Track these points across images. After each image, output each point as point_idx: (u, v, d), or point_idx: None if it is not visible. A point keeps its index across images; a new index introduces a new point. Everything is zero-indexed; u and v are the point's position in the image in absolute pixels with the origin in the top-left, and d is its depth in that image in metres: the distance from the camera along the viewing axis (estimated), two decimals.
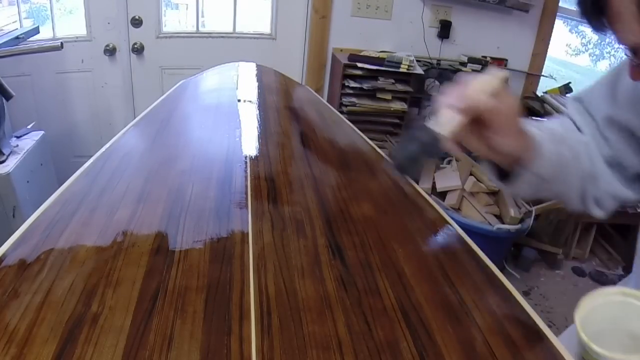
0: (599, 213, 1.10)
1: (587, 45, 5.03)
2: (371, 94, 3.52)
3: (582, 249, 3.82)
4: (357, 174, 1.39)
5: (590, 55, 5.18)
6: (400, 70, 3.47)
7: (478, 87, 0.92)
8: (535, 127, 1.05)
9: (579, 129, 1.12)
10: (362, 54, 3.64)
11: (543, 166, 0.99)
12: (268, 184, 1.23)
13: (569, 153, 1.05)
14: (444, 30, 3.89)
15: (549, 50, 4.09)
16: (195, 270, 0.87)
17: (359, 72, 3.49)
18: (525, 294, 3.35)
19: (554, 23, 3.99)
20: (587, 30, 4.83)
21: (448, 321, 0.83)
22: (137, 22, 3.53)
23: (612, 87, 1.05)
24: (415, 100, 3.85)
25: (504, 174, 1.07)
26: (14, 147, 2.71)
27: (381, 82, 3.50)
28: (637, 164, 1.05)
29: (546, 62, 4.16)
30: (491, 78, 0.94)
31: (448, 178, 3.30)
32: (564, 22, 4.35)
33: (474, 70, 3.77)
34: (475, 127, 0.95)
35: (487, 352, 0.77)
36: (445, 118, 0.93)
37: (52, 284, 0.81)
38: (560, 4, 3.93)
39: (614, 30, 0.81)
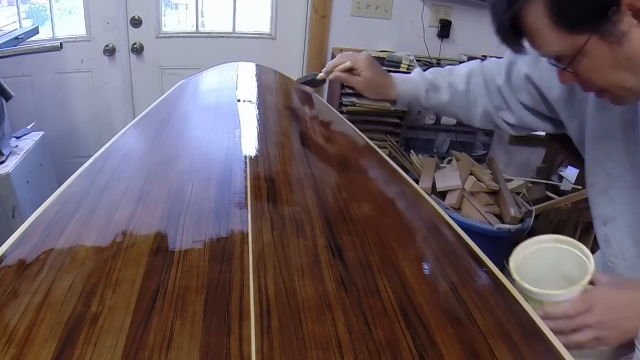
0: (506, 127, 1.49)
1: None
2: None
3: None
4: (357, 174, 1.39)
5: None
6: (400, 69, 3.47)
7: (335, 63, 1.67)
8: (417, 75, 1.55)
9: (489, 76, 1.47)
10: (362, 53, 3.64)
11: (402, 105, 1.61)
12: (268, 184, 1.23)
13: (445, 96, 1.52)
14: (444, 29, 3.89)
15: None
16: (195, 271, 0.87)
17: None
18: None
19: None
20: None
21: (448, 321, 0.83)
22: (136, 22, 3.53)
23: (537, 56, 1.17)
24: None
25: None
26: (14, 147, 2.71)
27: None
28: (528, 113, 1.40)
29: None
30: (346, 60, 1.63)
31: (448, 178, 3.30)
32: None
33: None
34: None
35: (487, 352, 0.77)
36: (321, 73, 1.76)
37: (52, 284, 0.81)
38: None
39: (535, 46, 0.95)
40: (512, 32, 0.95)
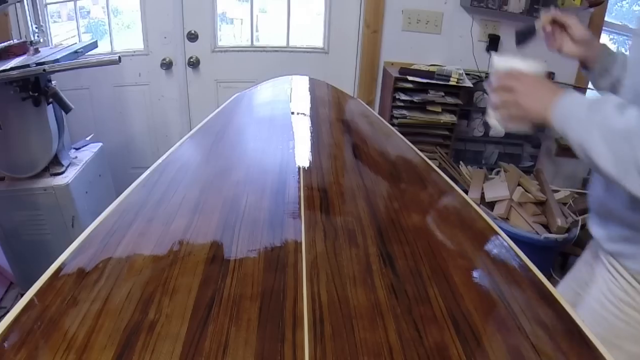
0: None
1: None
2: (421, 107, 3.51)
3: None
4: (408, 184, 1.39)
5: None
6: (450, 83, 3.46)
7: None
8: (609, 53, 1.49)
9: None
10: (412, 67, 3.64)
11: (594, 74, 1.52)
12: (320, 194, 1.24)
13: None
14: (493, 44, 3.86)
15: None
16: (250, 279, 0.89)
17: (409, 85, 3.49)
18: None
19: (599, 37, 3.92)
20: None
21: (497, 328, 0.83)
22: (192, 37, 3.58)
23: None
24: (464, 112, 3.82)
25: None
26: (73, 158, 2.78)
27: (431, 95, 3.49)
28: None
29: None
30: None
31: (496, 189, 3.28)
32: (609, 37, 4.27)
33: None
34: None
35: (535, 359, 0.77)
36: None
37: (110, 292, 0.84)
38: (606, 18, 3.86)
39: None
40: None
